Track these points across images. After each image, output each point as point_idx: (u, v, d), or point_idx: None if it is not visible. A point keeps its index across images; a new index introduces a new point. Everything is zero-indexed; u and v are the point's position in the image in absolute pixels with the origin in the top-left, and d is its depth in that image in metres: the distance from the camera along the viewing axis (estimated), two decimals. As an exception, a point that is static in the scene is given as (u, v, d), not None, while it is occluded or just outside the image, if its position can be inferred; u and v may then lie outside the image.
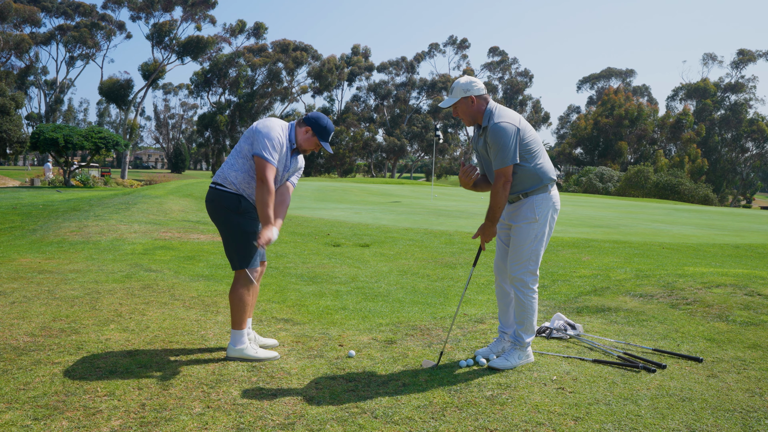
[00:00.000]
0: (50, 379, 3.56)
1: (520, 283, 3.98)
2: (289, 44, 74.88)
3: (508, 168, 3.85)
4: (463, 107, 3.98)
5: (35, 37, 70.30)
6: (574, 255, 9.02)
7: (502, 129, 3.83)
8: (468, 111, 3.98)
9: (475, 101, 3.95)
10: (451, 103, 3.99)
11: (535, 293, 4.01)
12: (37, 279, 6.34)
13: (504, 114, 3.91)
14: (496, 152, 3.84)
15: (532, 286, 3.99)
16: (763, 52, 75.44)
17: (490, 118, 3.91)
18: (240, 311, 4.05)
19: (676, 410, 3.29)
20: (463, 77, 4.01)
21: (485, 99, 3.98)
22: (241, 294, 4.06)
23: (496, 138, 3.83)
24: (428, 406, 3.33)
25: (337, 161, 73.57)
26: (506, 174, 3.86)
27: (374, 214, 15.67)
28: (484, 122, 3.94)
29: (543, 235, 3.98)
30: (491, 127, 3.87)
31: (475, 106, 3.96)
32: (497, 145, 3.83)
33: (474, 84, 3.95)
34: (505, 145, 3.82)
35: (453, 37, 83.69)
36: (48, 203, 16.40)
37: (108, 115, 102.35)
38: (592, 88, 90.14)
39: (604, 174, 55.47)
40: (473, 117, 3.99)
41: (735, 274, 6.65)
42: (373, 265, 8.07)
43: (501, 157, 3.83)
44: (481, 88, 3.97)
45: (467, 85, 3.95)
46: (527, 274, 3.97)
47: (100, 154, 30.34)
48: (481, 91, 3.96)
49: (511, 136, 3.83)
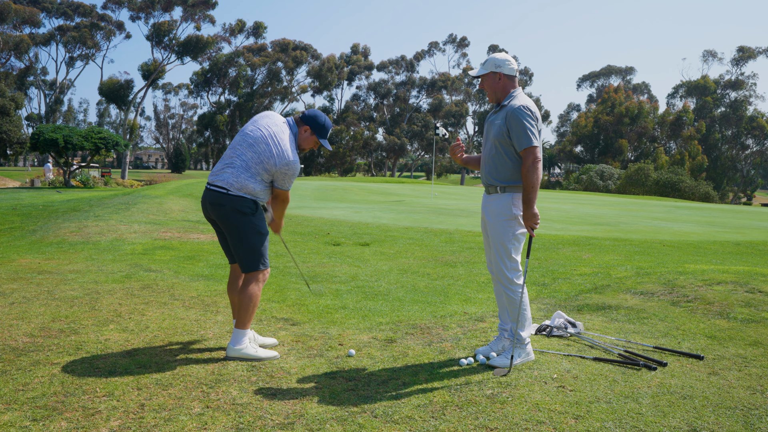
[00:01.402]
0: (49, 380, 3.55)
1: (505, 279, 4.00)
2: (288, 43, 74.89)
3: (533, 148, 3.84)
4: (490, 81, 4.03)
5: (35, 38, 70.29)
6: (575, 253, 9.00)
7: (522, 111, 3.87)
8: (493, 86, 4.03)
9: (502, 78, 4.00)
10: (481, 73, 4.04)
11: (521, 287, 4.00)
12: (37, 279, 6.33)
13: (526, 100, 3.97)
14: (518, 132, 3.86)
15: (517, 281, 3.99)
16: (763, 48, 75.51)
17: (511, 100, 3.95)
18: (249, 311, 4.01)
19: (677, 408, 3.28)
20: (500, 53, 4.05)
21: (513, 81, 4.03)
22: (253, 293, 4.02)
23: (517, 119, 3.86)
24: (428, 404, 3.32)
25: (337, 160, 73.57)
26: (534, 153, 3.84)
27: (374, 213, 15.65)
28: (505, 101, 3.98)
29: (520, 232, 3.99)
30: (512, 109, 3.90)
31: (501, 84, 4.01)
32: (518, 127, 3.86)
33: (508, 63, 3.99)
34: (526, 125, 3.84)
35: (453, 36, 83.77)
36: (48, 204, 16.39)
37: (108, 115, 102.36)
38: (592, 86, 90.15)
39: (605, 172, 55.44)
40: (497, 93, 4.04)
41: (736, 271, 6.64)
42: (373, 264, 8.06)
43: (523, 137, 3.84)
44: (513, 69, 4.01)
45: (500, 62, 3.99)
46: (510, 269, 3.99)
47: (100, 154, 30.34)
48: (512, 72, 4.00)
49: (530, 119, 3.87)
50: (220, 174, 4.02)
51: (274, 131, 4.02)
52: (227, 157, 4.08)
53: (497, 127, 3.96)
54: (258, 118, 4.18)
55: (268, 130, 4.03)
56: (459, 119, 79.17)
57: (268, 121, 4.11)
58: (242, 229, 3.98)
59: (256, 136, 4.01)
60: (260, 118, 4.16)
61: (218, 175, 4.02)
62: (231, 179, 3.96)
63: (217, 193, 3.98)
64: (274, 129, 4.04)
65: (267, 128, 4.04)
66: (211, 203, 4.02)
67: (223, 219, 4.01)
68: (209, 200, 4.04)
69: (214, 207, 4.01)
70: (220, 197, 3.97)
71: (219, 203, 3.97)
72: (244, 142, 4.04)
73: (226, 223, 4.00)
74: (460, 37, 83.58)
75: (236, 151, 4.04)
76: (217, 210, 4.00)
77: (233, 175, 3.96)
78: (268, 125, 4.06)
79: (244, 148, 4.02)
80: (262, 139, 3.99)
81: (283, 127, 4.09)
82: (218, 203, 3.98)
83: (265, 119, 4.13)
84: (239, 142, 4.08)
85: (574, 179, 58.48)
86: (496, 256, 4.02)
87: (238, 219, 3.96)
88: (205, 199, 4.11)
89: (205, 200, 4.11)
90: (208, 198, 4.06)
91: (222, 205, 3.96)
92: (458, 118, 78.75)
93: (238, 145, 4.06)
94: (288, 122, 4.17)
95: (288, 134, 4.07)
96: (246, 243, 4.01)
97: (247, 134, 4.06)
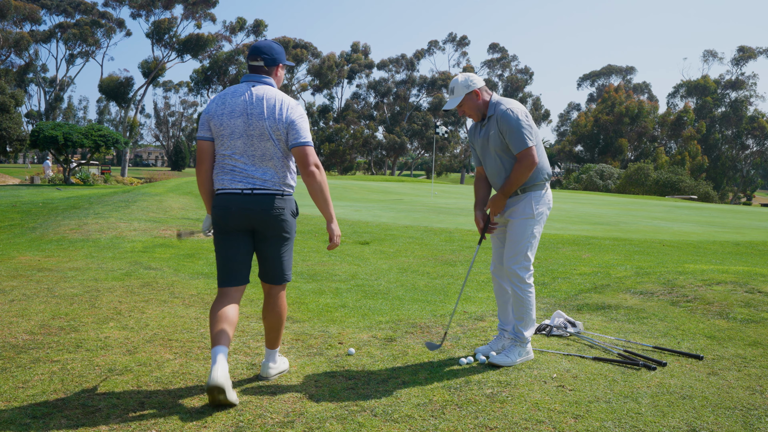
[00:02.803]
0: (49, 378, 3.55)
1: (516, 277, 3.99)
2: (289, 42, 74.83)
3: (530, 149, 3.84)
4: (469, 103, 4.01)
5: (35, 35, 70.26)
6: (575, 252, 9.00)
7: (512, 111, 3.87)
8: (474, 105, 4.01)
9: (479, 94, 3.99)
10: (457, 102, 3.99)
11: (532, 287, 4.03)
12: (37, 277, 6.33)
13: (510, 101, 3.97)
14: (512, 135, 3.85)
15: (527, 281, 4.00)
16: (764, 48, 75.48)
17: (496, 107, 3.95)
18: (283, 326, 3.71)
19: (676, 408, 3.28)
20: (459, 75, 4.03)
21: (487, 90, 4.03)
22: (285, 306, 3.71)
23: (509, 121, 3.85)
24: (428, 404, 3.32)
25: (337, 159, 73.53)
26: (531, 155, 3.84)
27: (374, 211, 15.65)
28: (490, 111, 3.97)
29: (538, 232, 4.03)
30: (500, 113, 3.89)
31: (480, 99, 4.00)
32: (511, 129, 3.85)
33: (472, 78, 3.99)
34: (520, 126, 3.84)
35: (452, 35, 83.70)
36: (48, 201, 16.39)
37: (108, 112, 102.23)
38: (592, 85, 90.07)
39: (605, 171, 55.48)
40: (480, 110, 4.02)
41: (735, 271, 6.64)
42: (373, 263, 8.06)
43: (518, 138, 3.84)
44: (480, 80, 4.01)
45: (468, 81, 3.98)
46: (522, 268, 3.99)
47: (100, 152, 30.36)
48: (481, 83, 4.01)
49: (522, 117, 3.87)
50: (259, 172, 3.48)
51: (285, 95, 3.59)
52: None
53: (494, 138, 3.94)
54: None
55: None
56: (459, 118, 79.12)
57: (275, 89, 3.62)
58: (292, 235, 3.58)
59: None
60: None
61: (255, 175, 3.49)
62: (269, 176, 3.46)
63: (267, 197, 3.42)
64: (282, 92, 3.59)
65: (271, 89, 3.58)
66: (262, 210, 3.42)
67: (277, 227, 3.46)
68: (259, 206, 3.42)
69: (262, 214, 3.42)
70: (268, 200, 3.43)
71: (267, 208, 3.42)
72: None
73: (279, 231, 3.47)
74: (460, 35, 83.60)
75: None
76: (269, 218, 3.43)
77: (269, 170, 3.47)
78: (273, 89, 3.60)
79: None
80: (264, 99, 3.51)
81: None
82: (265, 209, 3.42)
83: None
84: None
85: (574, 178, 58.52)
86: (511, 254, 4.02)
87: (293, 224, 3.55)
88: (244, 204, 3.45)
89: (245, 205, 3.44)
90: (254, 205, 3.43)
91: (276, 209, 3.43)
92: (458, 117, 78.74)
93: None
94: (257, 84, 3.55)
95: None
96: (290, 251, 3.62)
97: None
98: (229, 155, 3.43)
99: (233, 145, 3.41)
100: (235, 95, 3.45)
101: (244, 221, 3.44)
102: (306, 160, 3.42)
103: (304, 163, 3.43)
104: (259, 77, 3.52)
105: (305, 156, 3.42)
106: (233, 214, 3.42)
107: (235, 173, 3.43)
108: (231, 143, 3.42)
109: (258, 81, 3.51)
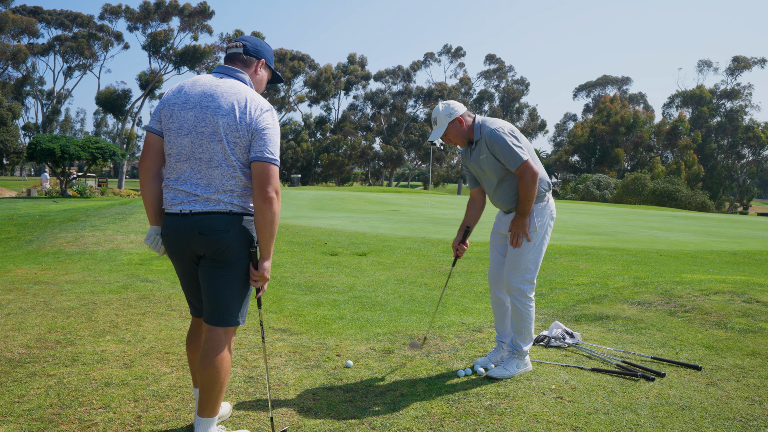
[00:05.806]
0: (45, 392, 3.53)
1: (518, 292, 3.97)
2: (286, 53, 75.09)
3: (527, 162, 3.82)
4: (454, 131, 3.99)
5: (33, 48, 70.40)
6: (572, 263, 9.00)
7: (500, 130, 3.86)
8: (459, 133, 3.99)
9: (462, 121, 3.97)
10: (441, 132, 3.98)
11: (533, 302, 4.02)
12: (33, 290, 6.31)
13: (494, 120, 3.96)
14: (505, 154, 3.83)
15: (529, 295, 3.99)
16: (759, 59, 75.84)
17: (481, 129, 3.93)
18: (225, 386, 2.87)
19: (675, 419, 3.27)
20: (440, 104, 4.01)
21: (469, 114, 4.01)
22: (229, 360, 2.89)
23: (498, 141, 3.84)
24: (426, 416, 3.31)
25: (334, 170, 73.60)
26: (530, 168, 3.82)
27: (372, 222, 15.65)
28: (476, 135, 3.95)
29: (542, 245, 3.99)
30: (489, 134, 3.87)
31: (464, 125, 3.98)
32: (503, 148, 3.83)
33: (452, 105, 3.97)
34: (511, 143, 3.82)
35: (447, 46, 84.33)
36: (44, 213, 16.36)
37: (105, 125, 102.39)
38: (588, 95, 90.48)
39: (601, 181, 55.59)
40: (466, 136, 4.00)
41: (733, 281, 6.64)
42: (371, 274, 8.05)
43: (512, 155, 3.82)
44: (461, 106, 3.99)
45: (449, 110, 3.95)
46: (525, 283, 3.97)
47: (97, 164, 30.31)
48: (462, 109, 3.98)
49: (509, 134, 3.85)
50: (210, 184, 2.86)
51: (259, 97, 2.99)
52: None
53: (487, 160, 3.93)
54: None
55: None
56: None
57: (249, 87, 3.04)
58: (245, 265, 2.87)
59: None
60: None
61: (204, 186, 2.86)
62: (222, 190, 2.86)
63: (215, 216, 2.81)
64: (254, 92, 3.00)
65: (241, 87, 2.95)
66: (205, 231, 2.80)
67: (225, 251, 2.82)
68: (203, 227, 2.81)
69: (206, 235, 2.80)
70: (216, 220, 2.80)
71: (217, 228, 2.80)
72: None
73: (228, 257, 2.83)
74: (456, 47, 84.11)
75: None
76: (214, 239, 2.80)
77: (222, 183, 2.86)
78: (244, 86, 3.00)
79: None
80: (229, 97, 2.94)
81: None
82: (215, 228, 2.80)
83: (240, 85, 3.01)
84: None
85: (570, 189, 58.60)
86: (513, 268, 3.99)
87: (246, 251, 2.86)
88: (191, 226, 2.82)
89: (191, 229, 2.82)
90: (201, 225, 2.81)
91: (224, 231, 2.80)
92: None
93: None
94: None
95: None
96: (244, 286, 2.91)
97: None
98: (174, 156, 2.81)
99: (179, 144, 2.79)
100: (194, 85, 2.87)
101: (186, 249, 2.85)
102: (266, 180, 2.73)
103: (263, 184, 2.72)
104: (232, 70, 2.93)
105: (267, 176, 2.73)
106: (173, 242, 2.87)
107: (177, 185, 2.82)
108: (177, 141, 2.79)
109: (228, 73, 2.93)
